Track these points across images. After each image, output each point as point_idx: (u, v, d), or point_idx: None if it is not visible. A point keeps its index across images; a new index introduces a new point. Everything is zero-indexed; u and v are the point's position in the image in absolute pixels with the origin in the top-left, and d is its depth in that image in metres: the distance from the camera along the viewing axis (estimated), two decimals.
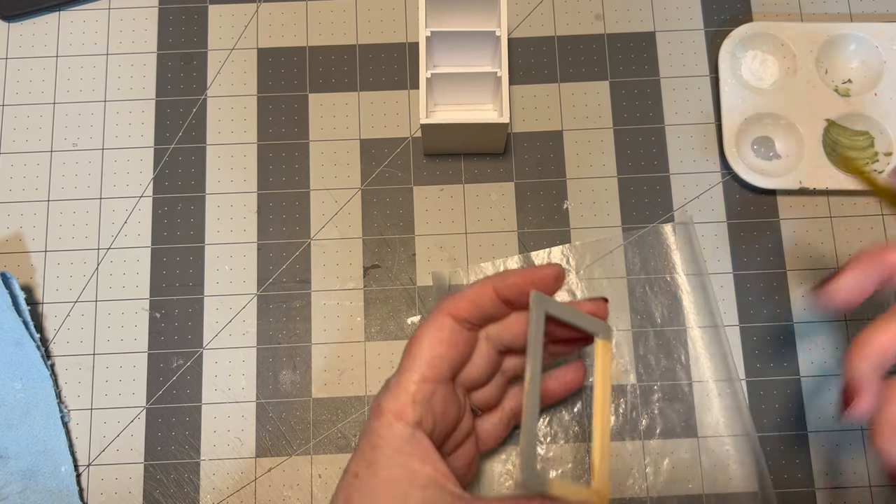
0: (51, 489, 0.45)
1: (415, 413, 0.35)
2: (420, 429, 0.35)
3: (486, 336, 0.39)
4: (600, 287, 0.48)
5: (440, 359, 0.36)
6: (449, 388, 0.37)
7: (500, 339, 0.39)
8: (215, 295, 0.48)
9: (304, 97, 0.51)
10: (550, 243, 0.49)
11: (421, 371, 0.36)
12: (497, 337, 0.39)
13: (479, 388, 0.40)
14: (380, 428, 0.35)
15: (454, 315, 0.37)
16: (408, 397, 0.35)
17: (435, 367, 0.36)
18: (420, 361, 0.36)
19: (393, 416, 0.35)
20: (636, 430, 0.46)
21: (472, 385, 0.39)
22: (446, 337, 0.36)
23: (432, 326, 0.37)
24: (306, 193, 0.50)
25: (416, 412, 0.35)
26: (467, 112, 0.50)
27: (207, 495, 0.46)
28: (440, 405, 0.36)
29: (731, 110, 0.50)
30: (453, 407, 0.37)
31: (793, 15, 0.52)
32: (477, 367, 0.39)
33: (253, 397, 0.47)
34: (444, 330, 0.37)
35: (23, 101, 0.51)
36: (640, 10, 0.53)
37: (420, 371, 0.36)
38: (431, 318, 0.37)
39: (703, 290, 0.48)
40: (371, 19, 0.53)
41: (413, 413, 0.35)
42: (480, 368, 0.39)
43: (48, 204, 0.50)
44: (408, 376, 0.36)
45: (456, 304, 0.37)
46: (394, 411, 0.35)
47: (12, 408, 0.45)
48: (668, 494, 0.45)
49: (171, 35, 0.52)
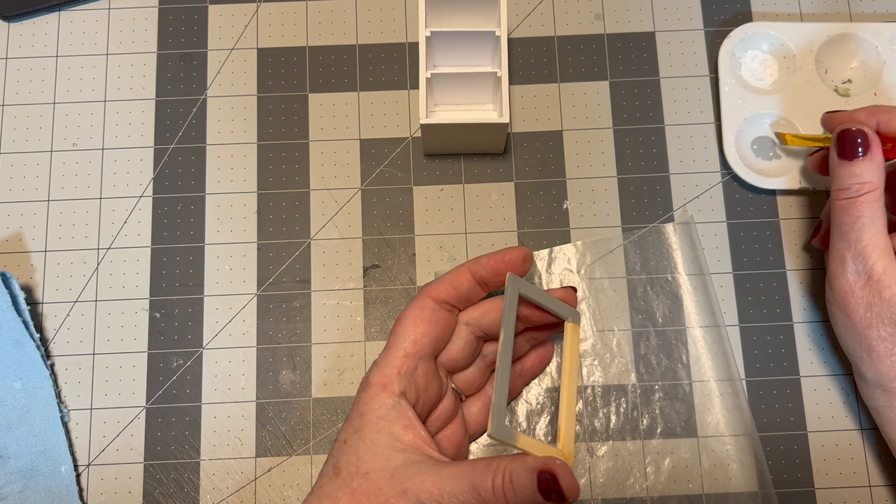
0: (51, 489, 0.45)
1: (399, 384, 0.38)
2: (404, 398, 0.38)
3: (467, 322, 0.41)
4: (601, 287, 0.48)
5: (422, 335, 0.39)
6: (431, 365, 0.40)
7: (479, 325, 0.41)
8: (215, 295, 0.48)
9: (304, 97, 0.51)
10: (550, 243, 0.49)
11: (405, 347, 0.39)
12: (476, 322, 0.41)
13: (461, 370, 0.43)
14: (367, 398, 0.38)
15: (434, 297, 0.40)
16: (392, 370, 0.38)
17: (417, 343, 0.39)
18: (404, 339, 0.39)
19: (379, 387, 0.38)
20: (637, 430, 0.46)
21: (453, 366, 0.42)
22: (428, 316, 0.40)
23: (415, 307, 0.40)
24: (306, 193, 0.50)
25: (401, 383, 0.38)
26: (467, 112, 0.50)
27: (207, 495, 0.46)
28: (422, 379, 0.39)
29: (731, 110, 0.50)
30: (435, 383, 0.40)
31: (793, 15, 0.53)
32: (458, 348, 0.41)
33: (253, 397, 0.47)
34: (425, 309, 0.40)
35: (23, 101, 0.51)
36: (640, 10, 0.53)
37: (404, 347, 0.39)
38: (414, 301, 0.40)
39: (704, 289, 0.48)
40: (371, 19, 0.53)
41: (398, 384, 0.38)
42: (461, 350, 0.41)
43: (48, 204, 0.50)
44: (393, 352, 0.39)
45: (436, 287, 0.40)
46: (380, 383, 0.38)
47: (12, 408, 0.45)
48: (669, 494, 0.45)
49: (171, 35, 0.52)
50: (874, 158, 0.40)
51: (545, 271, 0.48)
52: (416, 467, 0.36)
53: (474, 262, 0.41)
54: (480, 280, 0.41)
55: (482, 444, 0.46)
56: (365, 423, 0.37)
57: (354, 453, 0.37)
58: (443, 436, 0.42)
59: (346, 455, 0.37)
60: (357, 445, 0.37)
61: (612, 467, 0.45)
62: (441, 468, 0.36)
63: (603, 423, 0.46)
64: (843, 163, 0.41)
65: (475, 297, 0.42)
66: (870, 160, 0.40)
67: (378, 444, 0.37)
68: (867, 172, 0.40)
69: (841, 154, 0.41)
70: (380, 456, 0.36)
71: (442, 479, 0.35)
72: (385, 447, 0.37)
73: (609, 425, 0.46)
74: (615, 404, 0.46)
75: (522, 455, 0.35)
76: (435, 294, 0.40)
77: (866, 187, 0.40)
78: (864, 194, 0.40)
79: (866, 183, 0.40)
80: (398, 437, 0.37)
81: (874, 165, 0.40)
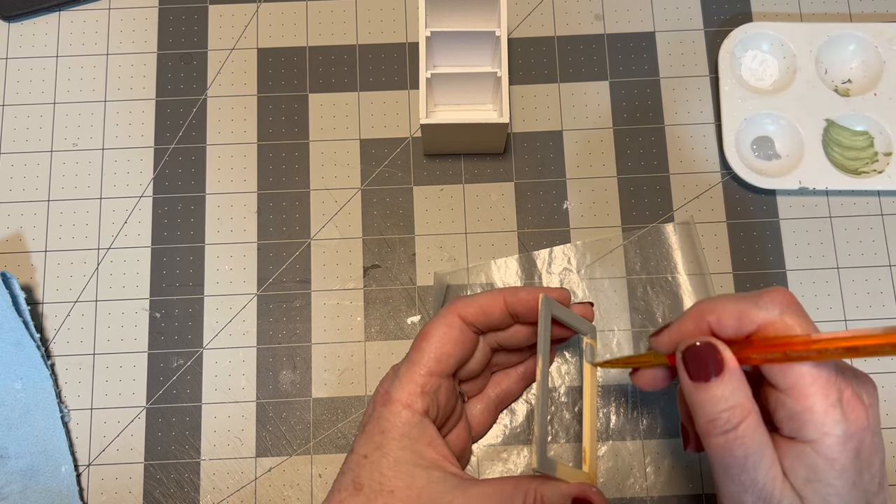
0: (51, 489, 0.45)
1: (423, 403, 0.37)
2: (427, 417, 0.37)
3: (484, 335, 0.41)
4: (601, 286, 0.48)
5: (448, 356, 0.38)
6: (452, 383, 0.40)
7: (495, 339, 0.41)
8: (215, 295, 0.48)
9: (304, 97, 0.51)
10: (550, 243, 0.49)
11: (429, 365, 0.38)
12: (494, 337, 0.41)
13: (471, 379, 0.43)
14: (389, 414, 0.37)
15: (464, 318, 0.39)
16: (416, 388, 0.37)
17: (442, 363, 0.38)
18: (430, 356, 0.38)
19: (402, 405, 0.37)
20: (637, 430, 0.46)
21: (466, 376, 0.42)
22: (456, 336, 0.39)
23: (442, 324, 0.39)
24: (306, 193, 0.50)
25: (424, 402, 0.37)
26: (467, 112, 0.50)
27: (207, 495, 0.46)
28: (444, 397, 0.39)
29: (731, 110, 0.50)
30: (453, 398, 0.40)
31: (793, 15, 0.53)
32: (476, 361, 0.41)
33: (253, 397, 0.47)
34: (453, 328, 0.39)
35: (23, 101, 0.51)
36: (639, 10, 0.53)
37: (429, 365, 0.38)
38: (443, 316, 0.39)
39: (704, 290, 0.48)
40: (371, 19, 0.53)
41: (421, 403, 0.37)
42: (478, 363, 0.41)
43: (48, 204, 0.50)
44: (416, 369, 0.38)
45: (466, 307, 0.39)
46: (403, 401, 0.37)
47: (12, 408, 0.45)
48: (669, 494, 0.45)
49: (171, 35, 0.52)
50: (733, 374, 0.33)
51: (545, 271, 0.48)
52: (443, 486, 0.36)
53: (511, 294, 0.39)
54: (514, 313, 0.40)
55: (482, 445, 0.46)
56: (388, 440, 0.37)
57: (377, 470, 0.36)
58: (448, 439, 0.42)
59: (369, 471, 0.37)
60: (380, 462, 0.36)
61: (611, 467, 0.45)
62: (468, 487, 0.36)
63: (603, 423, 0.46)
64: (698, 386, 0.33)
65: (503, 326, 0.40)
66: (729, 376, 0.33)
67: (402, 462, 0.36)
68: (731, 393, 0.33)
69: (693, 377, 0.33)
70: (404, 474, 0.36)
71: (470, 499, 0.35)
72: (409, 465, 0.36)
73: (609, 425, 0.46)
74: (615, 404, 0.46)
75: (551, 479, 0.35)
76: (464, 314, 0.39)
77: (737, 413, 0.32)
78: (741, 424, 0.32)
79: (736, 407, 0.32)
80: (422, 455, 0.37)
81: (735, 382, 0.33)
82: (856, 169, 0.49)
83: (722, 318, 0.34)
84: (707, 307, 0.34)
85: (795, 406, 0.32)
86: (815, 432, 0.31)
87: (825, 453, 0.31)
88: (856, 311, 0.48)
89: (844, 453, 0.31)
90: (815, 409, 0.31)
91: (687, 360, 0.34)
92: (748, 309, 0.33)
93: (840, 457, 0.31)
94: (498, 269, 0.48)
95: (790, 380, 0.32)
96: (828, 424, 0.31)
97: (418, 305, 0.48)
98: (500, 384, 0.44)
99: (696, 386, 0.33)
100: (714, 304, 0.34)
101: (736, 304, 0.34)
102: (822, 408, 0.31)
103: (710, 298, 0.35)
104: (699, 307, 0.35)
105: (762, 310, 0.33)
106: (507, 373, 0.44)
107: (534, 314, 0.39)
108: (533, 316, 0.39)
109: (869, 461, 0.32)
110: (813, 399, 0.31)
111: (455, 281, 0.48)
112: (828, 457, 0.31)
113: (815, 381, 0.31)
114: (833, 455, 0.31)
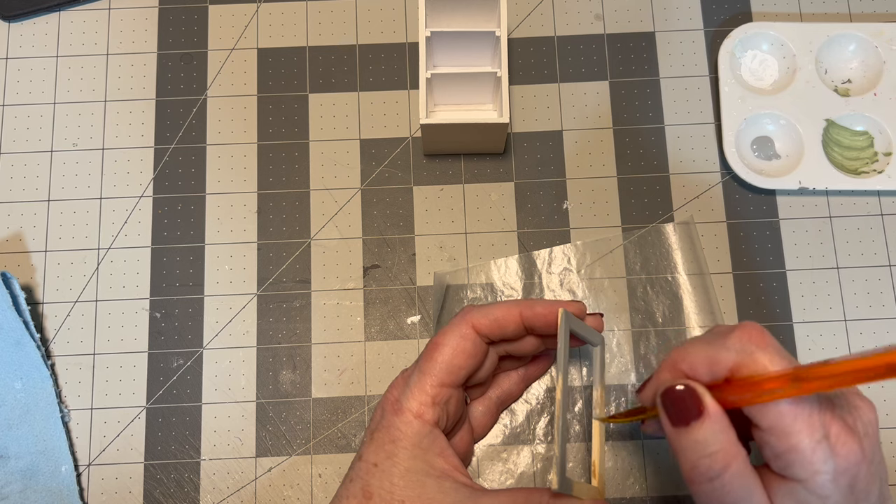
0: (51, 489, 0.45)
1: (434, 414, 0.37)
2: (437, 427, 0.38)
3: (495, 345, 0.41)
4: (601, 287, 0.48)
5: (460, 368, 0.38)
6: (461, 393, 0.40)
7: (504, 348, 0.41)
8: (215, 295, 0.48)
9: (304, 97, 0.51)
10: (550, 243, 0.49)
11: (441, 377, 0.38)
12: (503, 346, 0.41)
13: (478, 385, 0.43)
14: (400, 424, 0.37)
15: (477, 329, 0.39)
16: (427, 399, 0.37)
17: (454, 375, 0.38)
18: (442, 367, 0.38)
19: (413, 415, 0.37)
20: (637, 430, 0.46)
21: (474, 384, 0.42)
22: (469, 349, 0.38)
23: (455, 335, 0.38)
24: (306, 193, 0.50)
25: (435, 413, 0.37)
26: (467, 112, 0.50)
27: (207, 495, 0.46)
28: (454, 408, 0.39)
29: (731, 110, 0.50)
30: (461, 407, 0.40)
31: (793, 15, 0.53)
32: (485, 370, 0.41)
33: (253, 397, 0.47)
34: (466, 340, 0.38)
35: (23, 101, 0.51)
36: (639, 10, 0.53)
37: (440, 377, 0.38)
38: (456, 327, 0.39)
39: (704, 290, 0.48)
40: (371, 19, 0.53)
41: (432, 414, 0.37)
42: (486, 372, 0.41)
43: (48, 204, 0.50)
44: (428, 379, 0.38)
45: (481, 319, 0.39)
46: (414, 410, 0.37)
47: (12, 408, 0.45)
48: (669, 494, 0.45)
49: (171, 35, 0.52)
50: (714, 417, 0.32)
51: (545, 271, 0.48)
52: (454, 496, 0.36)
53: (528, 307, 0.39)
54: (530, 327, 0.39)
55: (483, 445, 0.46)
56: (399, 450, 0.37)
57: (388, 479, 0.36)
58: (452, 442, 0.42)
59: (379, 479, 0.36)
60: (391, 471, 0.36)
61: (611, 467, 0.45)
62: (479, 497, 0.36)
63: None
64: (679, 431, 0.32)
65: (516, 339, 0.40)
66: (710, 420, 0.32)
67: (413, 472, 0.36)
68: (714, 438, 0.31)
69: (674, 422, 0.32)
70: (415, 484, 0.36)
71: None
72: (420, 475, 0.36)
73: (609, 425, 0.46)
74: (615, 404, 0.46)
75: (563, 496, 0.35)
76: (479, 326, 0.38)
77: (720, 459, 0.31)
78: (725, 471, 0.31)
79: (718, 452, 0.31)
80: (433, 465, 0.37)
81: (717, 425, 0.32)
82: (856, 169, 0.49)
83: (694, 365, 0.33)
84: (678, 356, 0.34)
85: (780, 445, 0.31)
86: (803, 471, 0.30)
87: (817, 491, 0.30)
88: (856, 311, 0.48)
89: (838, 490, 0.30)
90: (800, 448, 0.30)
91: (666, 405, 0.33)
92: (716, 353, 0.32)
93: (833, 494, 0.30)
94: (498, 269, 0.48)
95: (769, 419, 0.31)
96: (816, 463, 0.30)
97: (418, 305, 0.48)
98: (501, 385, 0.44)
99: (676, 431, 0.32)
100: (685, 353, 0.34)
101: (705, 349, 0.33)
102: (809, 446, 0.30)
103: (682, 345, 0.34)
104: (672, 357, 0.34)
105: (731, 351, 0.32)
106: (507, 374, 0.44)
107: (550, 328, 0.39)
108: (549, 330, 0.39)
109: (866, 492, 0.31)
110: (797, 437, 0.30)
111: (455, 281, 0.48)
112: (820, 494, 0.30)
113: (797, 419, 0.30)
114: (825, 493, 0.30)
